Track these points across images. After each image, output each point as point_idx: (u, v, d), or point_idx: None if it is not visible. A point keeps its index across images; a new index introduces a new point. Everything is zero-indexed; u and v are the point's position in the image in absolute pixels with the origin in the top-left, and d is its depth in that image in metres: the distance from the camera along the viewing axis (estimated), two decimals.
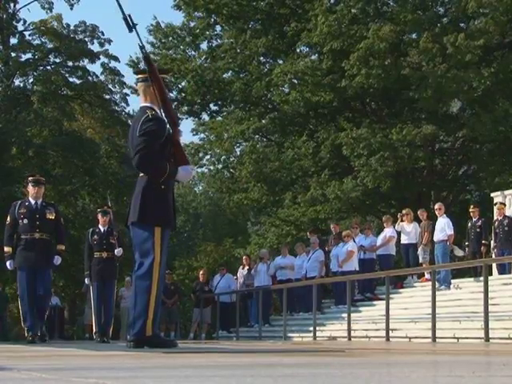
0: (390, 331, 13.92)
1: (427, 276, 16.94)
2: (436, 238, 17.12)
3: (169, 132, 6.88)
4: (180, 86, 29.47)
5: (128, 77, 34.52)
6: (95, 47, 33.44)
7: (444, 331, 12.99)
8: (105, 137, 34.34)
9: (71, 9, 33.90)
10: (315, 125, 28.94)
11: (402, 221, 18.47)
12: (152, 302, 6.70)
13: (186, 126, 38.40)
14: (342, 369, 4.14)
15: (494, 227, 17.43)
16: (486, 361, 5.57)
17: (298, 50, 28.63)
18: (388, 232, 18.58)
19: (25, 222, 10.99)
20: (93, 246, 13.64)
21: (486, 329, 11.61)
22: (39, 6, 33.45)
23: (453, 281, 16.97)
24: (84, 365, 4.79)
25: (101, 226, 13.74)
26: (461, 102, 27.08)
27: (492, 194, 19.76)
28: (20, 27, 33.25)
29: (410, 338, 13.96)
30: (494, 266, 16.81)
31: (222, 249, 40.35)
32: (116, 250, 13.43)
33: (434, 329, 12.56)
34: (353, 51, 24.97)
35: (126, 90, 33.69)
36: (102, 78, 33.97)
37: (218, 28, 30.23)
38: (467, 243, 17.90)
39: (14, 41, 33.08)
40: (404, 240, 18.46)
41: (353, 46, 25.18)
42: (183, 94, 29.46)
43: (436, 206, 17.96)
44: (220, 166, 30.68)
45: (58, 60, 33.44)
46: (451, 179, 28.69)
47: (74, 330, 30.17)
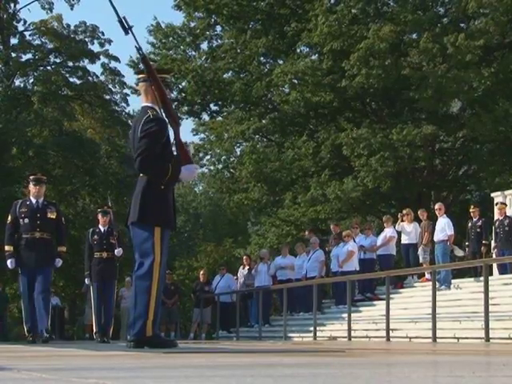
0: (391, 331, 13.91)
1: (427, 276, 16.94)
2: (436, 238, 17.11)
3: (169, 132, 6.88)
4: (180, 86, 29.48)
5: (128, 77, 34.66)
6: (95, 47, 33.55)
7: (444, 331, 12.99)
8: (105, 137, 34.36)
9: (71, 9, 34.04)
10: (315, 125, 28.95)
11: (402, 221, 18.47)
12: (152, 302, 6.69)
13: (186, 126, 38.34)
14: (342, 369, 4.14)
15: (494, 227, 17.42)
16: (487, 361, 5.57)
17: (299, 50, 28.62)
18: (388, 232, 18.58)
19: (26, 221, 10.95)
20: (93, 246, 13.63)
21: (487, 329, 11.61)
22: (39, 7, 33.56)
23: (453, 281, 16.97)
24: (84, 365, 4.79)
25: (101, 226, 13.73)
26: (461, 102, 27.07)
27: (492, 194, 19.76)
28: (20, 27, 33.34)
29: (411, 338, 13.96)
30: (495, 266, 16.80)
31: (222, 249, 40.34)
32: (116, 250, 13.43)
33: (434, 329, 12.56)
34: (353, 51, 24.96)
35: (127, 90, 33.79)
36: (103, 78, 34.05)
37: (219, 28, 30.27)
38: (467, 243, 17.90)
39: (14, 41, 33.16)
40: (404, 240, 18.46)
41: (353, 46, 25.18)
42: (183, 94, 29.46)
43: (436, 206, 17.96)
44: (220, 166, 30.70)
45: (58, 60, 33.48)
46: (451, 179, 28.69)
47: (74, 330, 30.16)
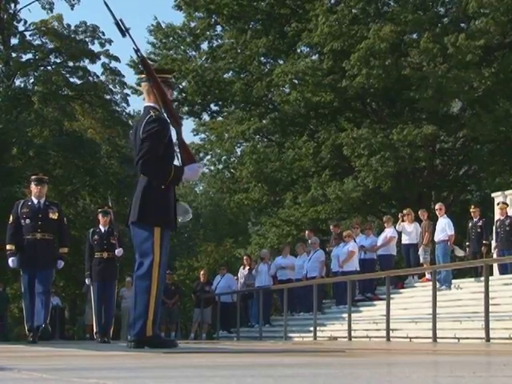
0: (391, 331, 13.91)
1: (428, 276, 16.93)
2: (437, 238, 17.11)
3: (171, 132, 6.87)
4: (181, 87, 29.46)
5: (128, 77, 34.77)
6: (96, 47, 33.57)
7: (445, 331, 12.98)
8: (105, 137, 34.38)
9: (72, 9, 34.07)
10: (316, 125, 28.94)
11: (402, 221, 18.47)
12: (152, 302, 6.68)
13: (186, 127, 38.34)
14: (342, 369, 4.14)
15: (495, 227, 17.41)
16: (487, 361, 5.57)
17: (299, 51, 28.62)
18: (389, 232, 18.58)
19: (27, 221, 10.92)
20: (93, 246, 13.63)
21: (487, 329, 11.60)
22: (40, 7, 33.60)
23: (453, 281, 16.96)
24: (85, 365, 4.79)
25: (101, 227, 13.73)
26: (461, 102, 27.06)
27: (493, 194, 19.77)
28: (21, 27, 33.37)
29: (411, 338, 13.95)
30: (495, 266, 16.79)
31: (222, 249, 40.35)
32: (117, 251, 13.43)
33: (434, 329, 12.56)
34: (353, 51, 24.96)
35: (127, 91, 33.81)
36: (103, 78, 34.08)
37: (219, 28, 30.27)
38: (468, 243, 17.89)
39: (14, 41, 33.18)
40: (405, 240, 18.46)
41: (353, 46, 25.18)
42: (184, 94, 29.46)
43: (436, 207, 17.96)
44: (221, 167, 30.69)
45: (58, 60, 33.50)
46: (452, 179, 28.69)
47: (75, 331, 30.19)
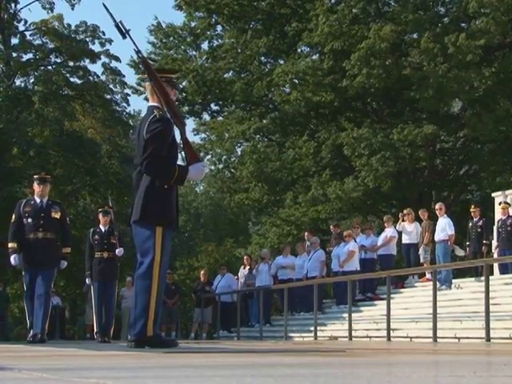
0: (391, 331, 13.90)
1: (428, 276, 16.94)
2: (437, 238, 17.11)
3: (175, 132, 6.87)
4: (181, 86, 29.46)
5: (129, 77, 34.73)
6: (96, 47, 33.57)
7: (445, 331, 12.98)
8: (106, 137, 34.37)
9: (72, 9, 34.08)
10: (316, 125, 28.95)
11: (403, 221, 18.47)
12: (152, 302, 6.67)
13: (187, 126, 38.28)
14: (342, 369, 4.14)
15: (497, 227, 17.39)
16: (487, 361, 5.57)
17: (299, 50, 28.63)
18: (389, 232, 18.57)
19: (29, 220, 10.90)
20: (94, 245, 13.63)
21: (487, 329, 11.59)
22: (40, 6, 33.60)
23: (454, 281, 16.96)
24: (85, 365, 4.79)
25: (102, 226, 13.72)
26: (462, 101, 27.07)
27: (493, 194, 19.76)
28: (21, 27, 33.37)
29: (411, 337, 13.95)
30: (496, 265, 16.79)
31: (222, 249, 40.36)
32: (117, 250, 13.43)
33: (435, 329, 12.55)
34: (354, 51, 24.95)
35: (127, 90, 33.81)
36: (103, 78, 34.08)
37: (219, 28, 30.28)
38: (468, 243, 17.89)
39: (15, 41, 33.17)
40: (405, 240, 18.46)
41: (354, 46, 25.17)
42: (184, 94, 29.46)
43: (437, 206, 17.95)
44: (221, 166, 30.68)
45: (58, 60, 33.50)
46: (452, 179, 28.69)
47: (75, 330, 30.20)
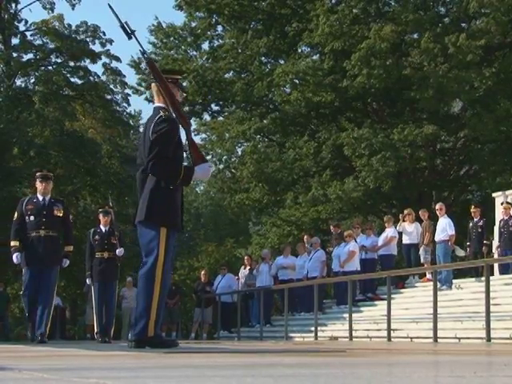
0: (392, 331, 13.90)
1: (429, 276, 16.93)
2: (437, 238, 17.10)
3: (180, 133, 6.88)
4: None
5: (129, 77, 34.69)
6: (97, 47, 33.57)
7: (445, 331, 12.97)
8: (106, 137, 34.38)
9: (73, 9, 34.10)
10: (316, 125, 28.95)
11: (403, 221, 18.46)
12: (154, 302, 6.66)
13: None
14: (343, 369, 4.13)
15: (498, 227, 17.38)
16: (488, 361, 5.57)
17: (300, 50, 28.64)
18: (389, 232, 18.57)
19: (31, 218, 10.86)
20: (94, 246, 13.64)
21: (488, 329, 11.59)
22: (41, 6, 33.64)
23: (454, 281, 16.95)
24: (85, 365, 4.79)
25: (102, 226, 13.72)
26: (462, 102, 27.06)
27: (493, 194, 19.76)
28: (21, 27, 33.38)
29: (412, 338, 13.94)
30: (496, 266, 16.79)
31: (223, 249, 40.35)
32: (117, 250, 13.43)
33: (435, 329, 12.55)
34: (354, 51, 24.97)
35: (128, 90, 33.80)
36: (104, 78, 34.08)
37: (220, 28, 30.30)
38: (468, 243, 17.89)
39: (15, 41, 33.19)
40: (405, 240, 18.46)
41: (354, 46, 25.18)
42: (184, 95, 29.44)
43: (437, 207, 17.94)
44: (221, 166, 30.70)
45: (59, 60, 33.50)
46: (452, 179, 28.69)
47: (76, 330, 30.20)
